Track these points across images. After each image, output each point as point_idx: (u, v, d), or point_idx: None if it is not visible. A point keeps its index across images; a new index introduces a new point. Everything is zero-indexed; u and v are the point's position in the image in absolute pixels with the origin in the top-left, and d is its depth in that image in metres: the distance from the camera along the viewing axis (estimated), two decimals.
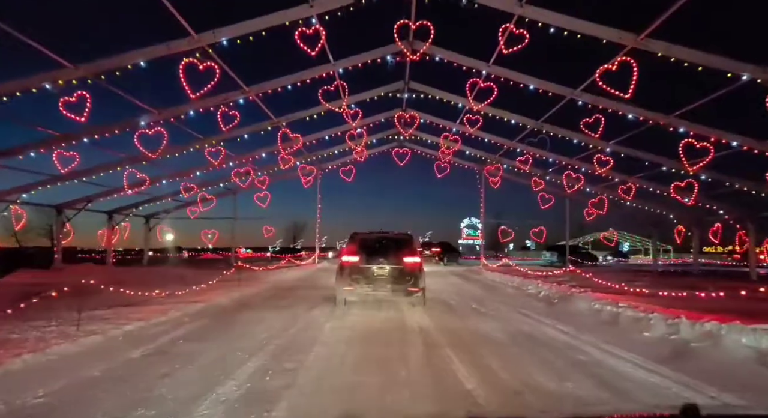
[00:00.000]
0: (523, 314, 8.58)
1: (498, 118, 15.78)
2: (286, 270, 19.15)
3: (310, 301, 10.03)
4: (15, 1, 9.98)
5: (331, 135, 19.12)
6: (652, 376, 4.50)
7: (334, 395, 3.84)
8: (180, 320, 7.14)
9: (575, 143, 15.88)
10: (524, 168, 19.08)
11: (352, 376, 4.46)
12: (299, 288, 12.99)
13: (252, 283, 13.28)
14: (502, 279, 16.40)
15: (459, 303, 10.18)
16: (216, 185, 21.83)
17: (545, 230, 25.32)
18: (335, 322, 7.42)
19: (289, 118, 15.81)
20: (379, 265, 8.72)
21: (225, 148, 15.60)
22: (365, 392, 3.93)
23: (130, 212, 21.50)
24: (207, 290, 10.94)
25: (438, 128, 19.50)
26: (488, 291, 12.94)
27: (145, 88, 11.87)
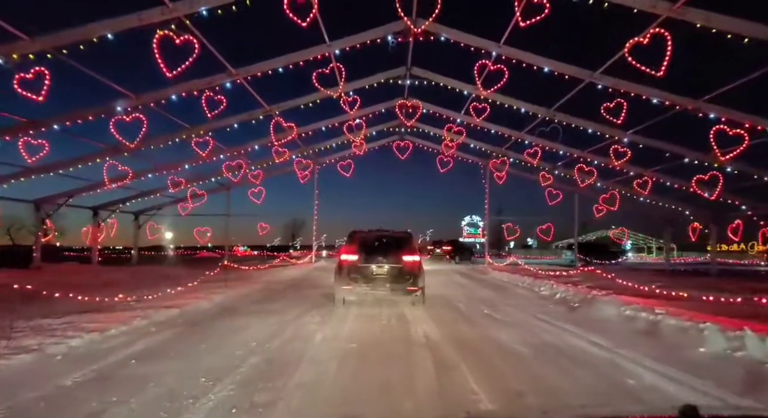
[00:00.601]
0: (542, 320, 7.52)
1: (507, 107, 14.70)
2: (280, 269, 18.08)
3: (303, 304, 8.98)
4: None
5: (328, 126, 18.03)
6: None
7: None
8: (144, 331, 6.07)
9: (589, 134, 14.80)
10: (533, 162, 18.00)
11: (343, 408, 3.42)
12: (292, 289, 11.93)
13: (241, 283, 12.22)
14: (510, 279, 15.35)
15: (468, 307, 9.12)
16: (207, 180, 20.75)
17: (552, 226, 24.26)
18: (329, 331, 6.36)
19: (282, 106, 14.72)
20: (378, 264, 8.53)
21: (213, 139, 14.52)
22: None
23: (117, 208, 20.42)
24: (188, 292, 9.89)
25: (441, 120, 18.42)
26: (498, 293, 11.88)
27: (119, 69, 10.79)
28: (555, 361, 4.88)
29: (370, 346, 5.54)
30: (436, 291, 11.91)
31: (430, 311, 8.42)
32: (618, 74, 10.94)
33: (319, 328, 6.57)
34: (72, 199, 17.00)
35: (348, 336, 6.06)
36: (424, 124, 20.63)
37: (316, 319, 7.37)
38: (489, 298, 10.76)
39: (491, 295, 11.41)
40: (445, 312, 8.40)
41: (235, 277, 14.47)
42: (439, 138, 21.38)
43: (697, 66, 10.72)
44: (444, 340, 5.87)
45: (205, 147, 14.34)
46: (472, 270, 21.58)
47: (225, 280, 12.07)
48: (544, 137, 15.51)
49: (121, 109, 10.88)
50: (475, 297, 10.85)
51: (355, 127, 18.02)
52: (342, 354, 5.06)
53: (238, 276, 14.76)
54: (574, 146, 17.21)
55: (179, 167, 17.34)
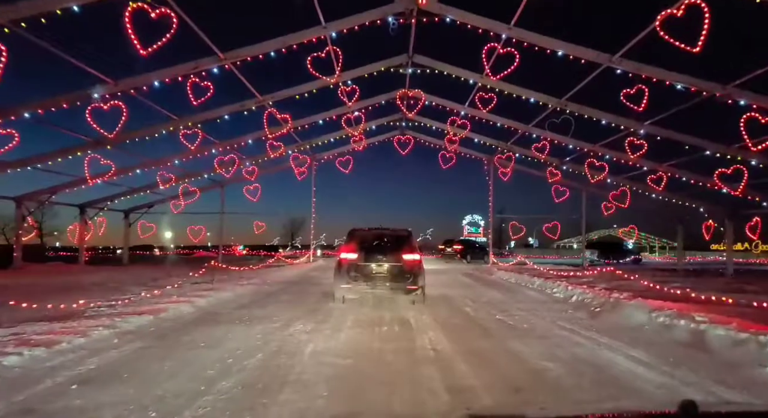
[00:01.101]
0: (564, 328, 6.64)
1: (515, 98, 13.80)
2: (275, 270, 17.20)
3: (295, 309, 8.10)
4: None
5: (325, 119, 17.13)
6: None
7: None
8: (103, 344, 5.19)
9: (602, 126, 13.88)
10: (541, 157, 17.13)
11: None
12: (285, 292, 11.04)
13: (230, 285, 11.32)
14: (518, 280, 14.46)
15: (478, 311, 8.24)
16: (200, 177, 19.86)
17: (559, 225, 23.40)
18: (321, 342, 5.48)
19: (276, 96, 13.82)
20: (377, 262, 8.43)
21: (203, 131, 13.63)
22: None
23: (105, 206, 19.53)
24: (170, 295, 9.01)
25: (444, 113, 17.53)
26: (508, 294, 11.00)
27: (94, 52, 9.89)
28: (596, 386, 3.98)
29: (369, 362, 4.66)
30: (441, 292, 11.05)
31: (436, 316, 7.54)
32: (639, 58, 10.07)
33: (310, 338, 5.69)
34: (55, 196, 16.13)
35: (343, 349, 5.18)
36: (426, 117, 19.76)
37: (309, 326, 6.49)
38: (499, 300, 9.88)
39: (501, 297, 10.53)
40: (453, 317, 7.52)
41: (227, 278, 13.61)
42: (441, 133, 20.51)
43: (729, 47, 9.81)
44: (455, 354, 4.99)
45: (194, 140, 13.46)
46: (476, 270, 20.69)
47: (212, 281, 11.20)
48: (554, 130, 14.61)
49: (98, 96, 9.99)
50: (484, 299, 9.96)
51: (353, 120, 17.14)
52: (334, 374, 4.19)
53: (230, 277, 13.88)
54: (584, 140, 16.32)
55: (168, 162, 16.46)
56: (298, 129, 17.33)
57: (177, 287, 10.48)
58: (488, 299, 10.31)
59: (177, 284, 10.61)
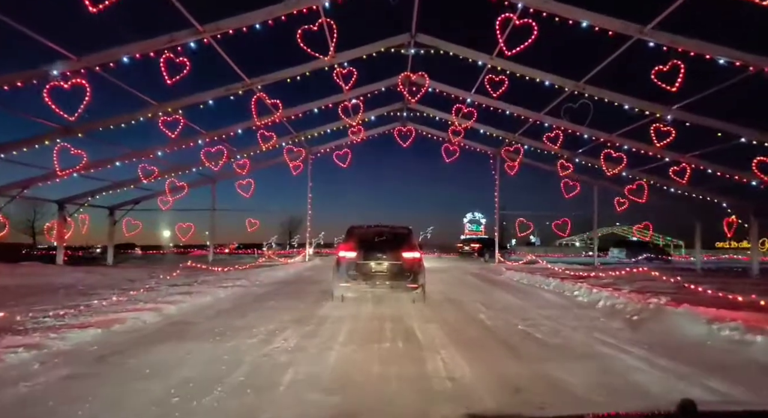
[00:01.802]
0: (605, 343, 5.42)
1: (527, 81, 12.55)
2: (266, 270, 15.97)
3: (280, 318, 6.87)
4: None
5: (321, 107, 15.90)
6: None
7: None
8: (17, 372, 3.95)
9: (624, 112, 12.61)
10: (554, 147, 15.89)
11: None
12: (272, 296, 9.81)
13: (213, 288, 10.10)
14: (531, 281, 13.24)
15: (494, 319, 7.02)
16: (188, 171, 18.59)
17: (569, 222, 22.19)
18: (304, 366, 4.26)
19: (266, 80, 12.58)
20: (377, 260, 8.27)
21: (185, 118, 12.38)
22: None
23: (86, 202, 18.28)
24: (138, 300, 7.80)
25: (449, 101, 16.31)
26: (524, 298, 9.77)
27: (50, 23, 8.63)
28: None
29: (364, 399, 3.44)
30: (448, 296, 9.84)
31: (447, 327, 6.33)
32: (674, 29, 8.84)
33: (291, 360, 4.47)
34: (27, 190, 14.86)
35: (331, 376, 3.96)
36: (429, 107, 18.56)
37: (293, 342, 5.27)
38: (516, 306, 8.66)
39: (516, 301, 9.31)
40: (467, 328, 6.30)
41: (212, 279, 12.40)
42: (444, 124, 19.31)
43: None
44: (480, 384, 3.76)
45: (175, 127, 12.22)
46: (482, 269, 19.47)
47: (188, 284, 9.98)
48: (570, 117, 13.33)
49: (58, 73, 8.75)
50: (499, 305, 8.74)
51: (351, 109, 15.91)
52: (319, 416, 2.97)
53: (217, 278, 12.67)
54: (601, 129, 15.08)
55: (151, 154, 15.19)
56: (291, 118, 16.10)
57: (145, 290, 9.26)
58: (503, 303, 9.09)
59: (145, 288, 9.39)
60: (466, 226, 69.31)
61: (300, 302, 8.73)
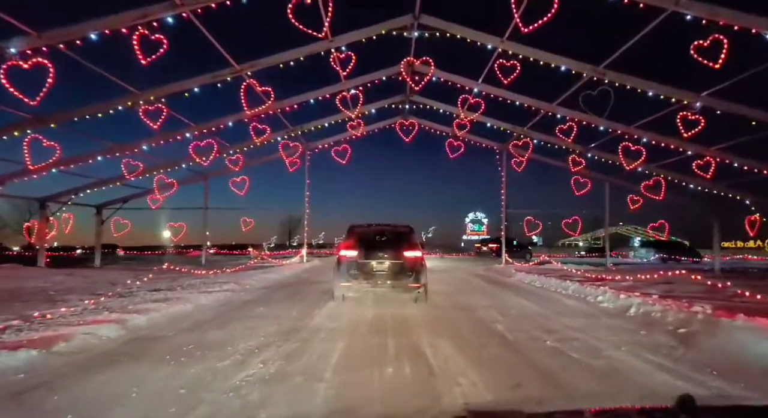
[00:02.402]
0: (664, 368, 4.37)
1: (541, 66, 11.52)
2: (260, 272, 14.92)
3: (264, 331, 5.83)
4: None
5: (317, 98, 14.87)
6: None
7: None
8: None
9: (647, 100, 11.55)
10: (566, 141, 14.83)
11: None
12: (261, 302, 8.78)
13: (196, 293, 9.08)
14: (545, 283, 12.20)
15: (515, 332, 5.97)
16: (177, 167, 17.55)
17: (580, 220, 21.17)
18: (284, 406, 3.23)
19: (256, 65, 11.55)
20: (378, 259, 8.18)
21: (169, 108, 11.35)
22: None
23: (69, 200, 17.26)
24: (102, 310, 6.77)
25: (453, 92, 15.29)
26: (542, 304, 8.72)
27: None
28: None
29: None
30: (457, 301, 8.81)
31: (461, 342, 5.30)
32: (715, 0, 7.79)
33: (265, 397, 3.43)
34: (2, 187, 13.84)
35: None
36: (433, 99, 17.54)
37: (273, 366, 4.24)
38: (535, 313, 7.61)
39: (535, 308, 8.27)
40: (485, 343, 5.26)
41: (199, 282, 11.38)
42: (449, 117, 18.29)
43: None
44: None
45: (157, 117, 11.20)
46: (488, 270, 18.44)
47: (175, 288, 8.96)
48: (588, 105, 12.23)
49: (16, 51, 7.72)
50: (516, 312, 7.70)
51: (350, 99, 14.90)
52: None
53: (204, 281, 11.65)
54: (618, 120, 14.02)
55: (135, 148, 14.16)
56: (285, 110, 15.08)
57: (119, 296, 8.24)
58: (519, 310, 8.05)
59: (121, 293, 8.37)
60: (468, 226, 68.25)
61: (291, 310, 7.70)
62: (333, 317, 7.07)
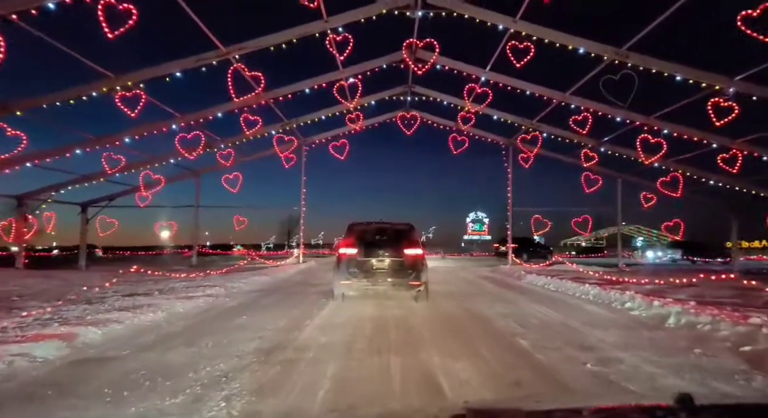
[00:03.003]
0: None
1: (556, 50, 10.50)
2: (250, 274, 13.88)
3: (240, 349, 4.80)
4: None
5: (313, 87, 13.84)
6: None
7: None
8: None
9: (671, 87, 10.52)
10: (581, 133, 13.79)
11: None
12: (246, 310, 7.75)
13: (169, 300, 8.05)
14: (560, 287, 11.17)
15: (546, 351, 4.92)
16: (164, 162, 16.52)
17: (590, 219, 20.14)
18: None
19: (245, 48, 10.53)
20: (378, 257, 8.13)
21: (148, 95, 10.34)
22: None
23: (49, 197, 16.24)
24: (50, 323, 5.75)
25: (459, 81, 14.28)
26: (565, 313, 7.67)
27: None
28: None
29: None
30: (469, 308, 7.78)
31: (483, 365, 4.28)
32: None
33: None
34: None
35: None
36: (436, 90, 16.54)
37: (237, 405, 3.21)
38: (560, 324, 6.58)
39: (558, 317, 7.23)
40: (514, 366, 4.22)
41: (180, 287, 10.37)
42: (453, 110, 17.30)
43: None
44: None
45: (136, 104, 10.19)
46: (495, 272, 17.41)
47: (152, 292, 7.94)
48: (608, 92, 11.11)
49: None
50: (537, 322, 6.67)
51: (348, 89, 13.90)
52: None
53: (186, 285, 10.63)
54: (637, 109, 12.98)
55: (117, 141, 13.13)
56: (279, 100, 14.06)
57: (78, 304, 7.21)
58: (541, 319, 7.02)
59: (84, 300, 7.34)
60: (469, 225, 67.20)
61: (278, 319, 6.68)
62: (326, 328, 6.05)
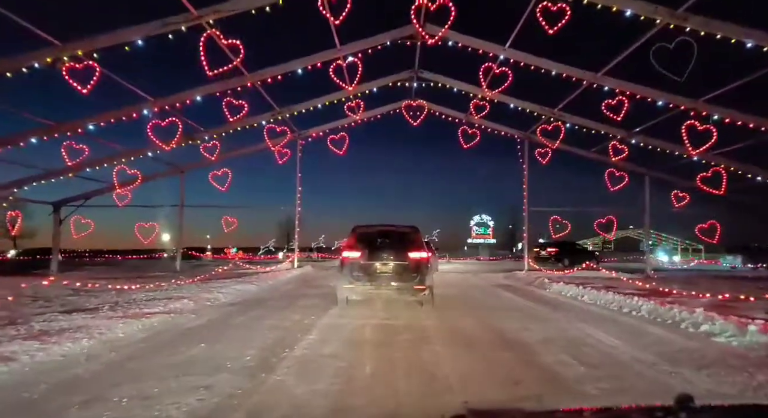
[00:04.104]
0: None
1: (599, 10, 8.70)
2: (234, 282, 12.01)
3: (185, 396, 3.03)
4: None
5: (306, 67, 12.05)
6: None
7: None
8: None
9: (740, 55, 8.68)
10: (615, 118, 11.94)
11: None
12: (211, 332, 5.93)
13: (111, 320, 6.24)
14: (598, 299, 9.30)
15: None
16: (142, 156, 14.71)
17: (615, 220, 18.33)
18: None
19: (220, 10, 8.75)
20: (382, 261, 7.93)
21: (99, 65, 8.56)
22: None
23: (10, 195, 14.46)
24: None
25: (473, 62, 12.49)
26: (627, 339, 5.79)
27: None
28: None
29: None
30: (498, 329, 5.90)
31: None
32: None
33: None
34: None
35: None
36: (446, 75, 14.79)
37: None
38: (631, 358, 4.73)
39: (620, 345, 5.38)
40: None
41: (145, 298, 8.59)
42: (463, 99, 15.57)
43: None
44: None
45: (88, 79, 8.44)
46: (510, 278, 15.57)
47: (102, 307, 6.14)
48: (661, 64, 9.16)
49: None
50: (596, 354, 4.83)
51: (347, 69, 12.13)
52: None
53: (153, 296, 8.85)
54: (677, 92, 11.16)
55: (79, 128, 11.35)
56: (267, 82, 12.29)
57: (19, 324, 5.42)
58: (599, 350, 5.18)
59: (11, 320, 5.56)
60: (473, 229, 65.32)
61: (246, 348, 4.90)
62: (309, 366, 4.29)
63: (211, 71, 9.06)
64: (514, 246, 64.17)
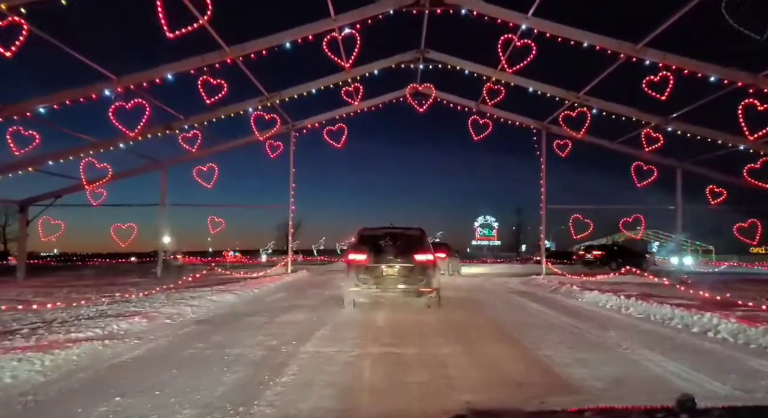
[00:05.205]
0: None
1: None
2: (210, 292, 10.21)
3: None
4: None
5: (295, 41, 10.35)
6: None
7: None
8: None
9: None
10: (660, 97, 10.19)
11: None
12: (157, 368, 4.20)
13: (51, 342, 4.51)
14: (650, 312, 7.52)
15: None
16: (112, 147, 13.00)
17: (643, 219, 16.63)
18: None
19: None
20: (388, 263, 7.88)
21: (29, 23, 6.85)
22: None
23: None
24: None
25: (490, 36, 10.81)
26: (741, 386, 4.07)
27: None
28: None
29: None
30: (538, 361, 4.06)
31: None
32: None
33: None
34: None
35: None
36: (456, 55, 13.11)
37: None
38: None
39: (722, 391, 3.66)
40: None
41: (96, 312, 6.89)
42: (474, 84, 13.91)
43: None
44: None
45: (13, 38, 6.73)
46: (527, 284, 13.81)
47: (37, 327, 4.42)
48: (736, 20, 7.35)
49: None
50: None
51: (342, 42, 10.43)
52: None
53: (108, 309, 7.13)
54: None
55: (27, 110, 9.64)
56: (252, 58, 10.60)
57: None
58: (702, 395, 3.41)
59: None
60: (477, 231, 63.51)
61: (184, 402, 3.15)
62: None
63: (171, 32, 7.32)
64: (519, 248, 62.33)
